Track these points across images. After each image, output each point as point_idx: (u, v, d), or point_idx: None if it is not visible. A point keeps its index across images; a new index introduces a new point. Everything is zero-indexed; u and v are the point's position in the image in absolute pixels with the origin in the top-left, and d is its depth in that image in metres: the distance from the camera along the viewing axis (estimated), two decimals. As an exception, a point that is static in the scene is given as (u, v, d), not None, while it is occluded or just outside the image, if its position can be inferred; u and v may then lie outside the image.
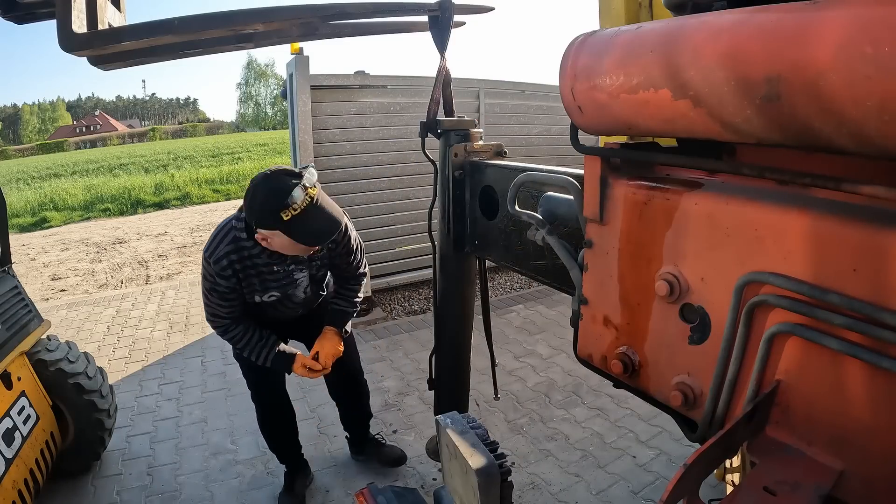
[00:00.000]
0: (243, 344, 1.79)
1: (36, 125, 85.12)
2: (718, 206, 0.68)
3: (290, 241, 1.50)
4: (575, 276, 0.98)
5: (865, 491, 0.58)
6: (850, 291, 0.56)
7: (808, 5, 0.50)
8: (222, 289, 1.65)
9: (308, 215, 1.45)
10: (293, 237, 1.48)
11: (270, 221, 1.45)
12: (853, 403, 0.58)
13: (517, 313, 4.16)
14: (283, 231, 1.46)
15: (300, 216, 1.44)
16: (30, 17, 1.32)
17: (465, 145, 1.49)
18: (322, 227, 1.51)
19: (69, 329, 4.22)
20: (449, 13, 1.47)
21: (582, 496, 2.19)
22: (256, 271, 1.68)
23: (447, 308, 1.73)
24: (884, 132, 0.46)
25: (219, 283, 1.63)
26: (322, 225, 1.50)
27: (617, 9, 1.37)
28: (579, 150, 0.88)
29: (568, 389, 3.00)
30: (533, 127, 5.07)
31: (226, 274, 1.62)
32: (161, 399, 3.07)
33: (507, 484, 0.87)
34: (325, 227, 1.51)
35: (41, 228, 10.30)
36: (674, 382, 0.78)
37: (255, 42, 1.47)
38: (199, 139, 44.46)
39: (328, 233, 1.52)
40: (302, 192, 1.44)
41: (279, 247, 1.56)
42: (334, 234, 1.54)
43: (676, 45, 0.61)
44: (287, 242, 1.51)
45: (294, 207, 1.42)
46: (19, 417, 1.97)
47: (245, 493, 2.28)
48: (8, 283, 2.16)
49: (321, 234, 1.52)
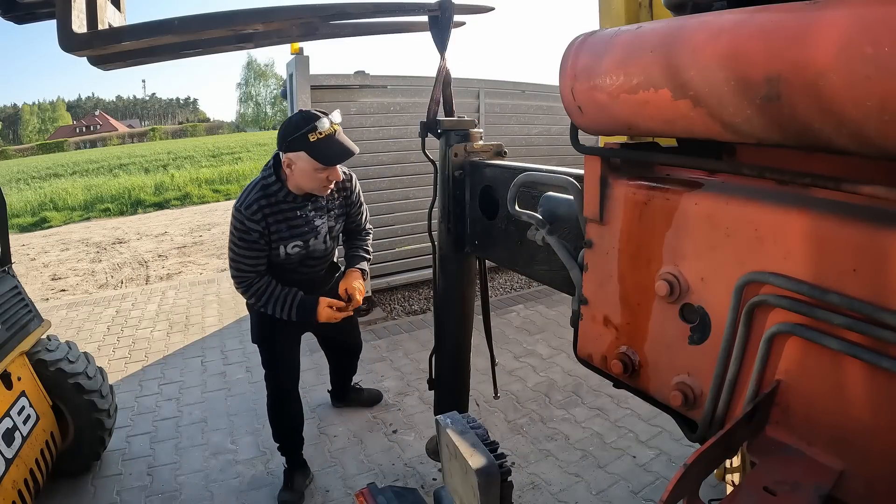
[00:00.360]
0: (266, 297, 1.89)
1: (36, 125, 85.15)
2: (718, 206, 0.68)
3: (310, 167, 1.74)
4: (575, 276, 0.98)
5: (865, 491, 0.58)
6: (850, 291, 0.56)
7: (808, 5, 0.50)
8: (252, 236, 1.80)
9: (330, 141, 1.72)
10: (315, 157, 1.71)
11: (298, 143, 1.70)
12: (853, 403, 0.58)
13: (517, 313, 4.16)
14: (307, 152, 1.70)
15: (323, 140, 1.71)
16: (30, 17, 1.32)
17: (466, 145, 1.49)
18: (340, 151, 1.75)
19: (69, 329, 4.22)
20: (449, 13, 1.47)
21: (582, 496, 2.19)
22: (283, 216, 1.86)
23: (447, 308, 1.73)
24: (884, 132, 0.46)
25: (249, 227, 1.79)
26: (340, 149, 1.75)
27: (617, 9, 1.37)
28: (579, 150, 0.88)
29: (568, 389, 3.00)
30: (533, 127, 5.07)
31: (256, 218, 1.80)
32: (161, 399, 3.07)
33: (507, 484, 0.87)
34: (343, 151, 1.76)
35: (41, 228, 10.30)
36: (674, 382, 0.78)
37: (255, 42, 1.47)
38: (199, 139, 44.49)
39: (345, 155, 1.76)
40: (328, 122, 1.73)
41: (300, 174, 1.77)
42: (349, 157, 1.76)
43: (676, 46, 0.61)
44: (308, 168, 1.74)
45: (320, 132, 1.70)
46: (19, 417, 1.97)
47: (245, 493, 2.28)
48: (8, 283, 2.16)
49: (340, 155, 1.75)
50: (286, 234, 1.88)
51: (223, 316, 4.38)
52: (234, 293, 4.95)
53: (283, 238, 1.87)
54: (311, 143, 1.69)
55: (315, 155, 1.71)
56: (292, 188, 1.83)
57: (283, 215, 1.86)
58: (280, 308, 1.91)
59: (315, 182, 1.80)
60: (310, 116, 1.72)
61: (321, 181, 1.80)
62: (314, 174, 1.76)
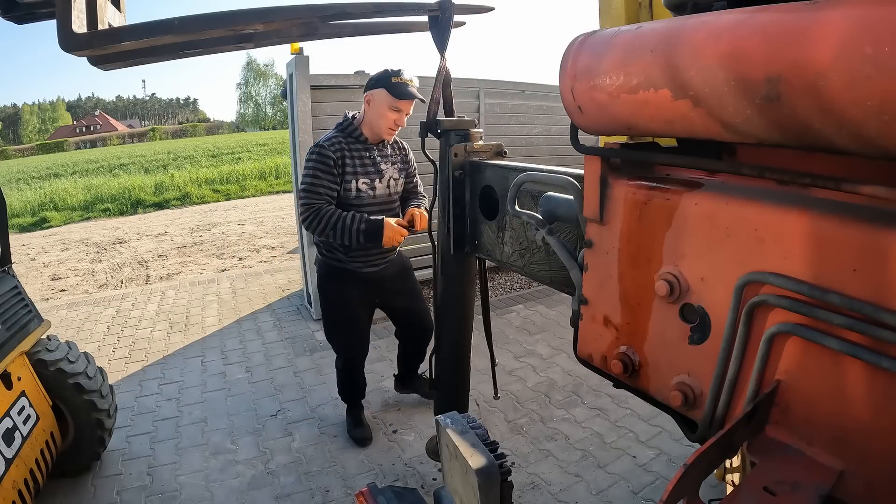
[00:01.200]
0: (335, 220, 2.09)
1: (36, 125, 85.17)
2: (718, 206, 0.68)
3: (386, 103, 2.11)
4: (575, 276, 0.98)
5: (865, 491, 0.58)
6: (850, 291, 0.56)
7: (808, 5, 0.50)
8: (329, 161, 2.11)
9: (406, 85, 2.11)
10: (391, 92, 2.08)
11: (381, 82, 2.10)
12: (853, 403, 0.58)
13: (517, 313, 4.16)
14: (386, 88, 2.09)
15: (401, 83, 2.10)
16: (30, 17, 1.32)
17: (466, 145, 1.49)
18: (411, 92, 2.12)
19: (69, 329, 4.22)
20: (449, 13, 1.47)
21: (582, 496, 2.19)
22: (357, 154, 2.20)
23: (447, 308, 1.73)
24: (884, 132, 0.46)
25: (327, 155, 2.11)
26: (412, 91, 2.12)
27: (617, 9, 1.37)
28: (579, 150, 0.88)
29: (568, 389, 3.00)
30: (533, 127, 5.07)
31: (333, 148, 2.13)
32: (161, 399, 3.07)
33: (507, 484, 0.87)
34: (414, 93, 2.13)
35: (41, 228, 10.30)
36: (674, 382, 0.78)
37: (255, 42, 1.47)
38: (199, 139, 44.49)
39: (414, 95, 2.12)
40: (408, 74, 2.13)
41: (375, 110, 2.14)
42: (416, 98, 2.13)
43: (676, 46, 0.61)
44: (384, 103, 2.11)
45: (401, 78, 2.10)
46: (19, 417, 1.97)
47: (245, 493, 2.28)
48: (8, 283, 2.16)
49: (410, 94, 2.11)
50: (358, 169, 2.18)
51: (223, 316, 4.38)
52: (234, 293, 4.95)
53: (356, 172, 2.18)
54: (392, 83, 2.08)
55: (392, 90, 2.08)
56: (365, 131, 2.19)
57: (356, 153, 2.19)
58: (348, 234, 2.09)
59: (385, 121, 2.13)
60: (395, 69, 2.13)
61: (390, 121, 2.14)
62: (387, 112, 2.11)
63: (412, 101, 2.14)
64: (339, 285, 2.34)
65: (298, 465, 2.45)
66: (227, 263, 6.41)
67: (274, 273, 5.59)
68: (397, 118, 2.14)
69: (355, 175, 2.18)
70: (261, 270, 5.80)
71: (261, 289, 5.07)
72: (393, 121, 2.14)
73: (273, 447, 2.59)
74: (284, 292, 4.92)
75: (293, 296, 4.79)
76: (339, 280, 2.33)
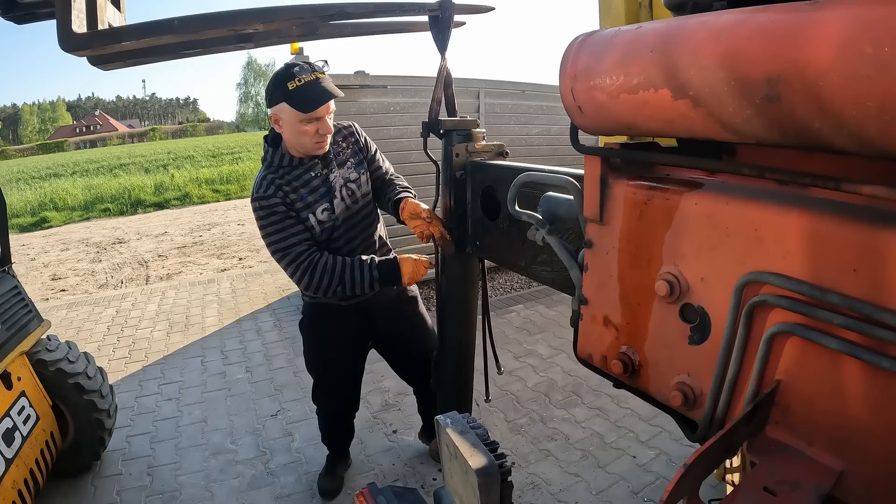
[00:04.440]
0: (339, 268, 1.70)
1: (36, 125, 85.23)
2: (718, 206, 0.68)
3: (294, 118, 1.63)
4: (575, 276, 0.98)
5: (865, 491, 0.58)
6: (850, 291, 0.56)
7: (808, 5, 0.50)
8: (279, 209, 1.70)
9: (309, 86, 1.61)
10: (294, 105, 1.60)
11: (279, 94, 1.61)
12: (853, 403, 0.58)
13: (517, 313, 4.15)
14: (287, 101, 1.61)
15: (302, 87, 1.60)
16: (30, 17, 1.32)
17: (467, 145, 1.49)
18: (319, 94, 1.62)
19: (69, 329, 4.22)
20: (449, 13, 1.47)
21: (582, 496, 2.19)
22: (299, 182, 1.75)
23: (449, 309, 1.73)
24: (884, 132, 0.46)
25: (271, 203, 1.70)
26: (320, 92, 1.62)
27: (617, 9, 1.37)
28: (579, 150, 0.88)
29: (568, 389, 3.00)
30: (533, 127, 5.07)
31: (270, 192, 1.71)
32: (161, 399, 3.07)
33: (507, 484, 0.87)
34: (321, 94, 1.63)
35: (41, 228, 10.30)
36: (674, 382, 0.78)
37: (255, 42, 1.47)
38: (199, 139, 44.49)
39: (323, 98, 1.63)
40: (308, 70, 1.62)
41: (288, 130, 1.67)
42: (328, 100, 1.64)
43: (676, 46, 0.61)
44: (293, 120, 1.64)
45: (299, 80, 1.60)
46: (19, 417, 1.97)
47: (245, 493, 2.28)
48: (8, 283, 2.16)
49: (318, 98, 1.62)
50: (309, 199, 1.75)
51: (223, 316, 4.38)
52: (234, 293, 4.95)
53: (308, 204, 1.74)
54: (290, 92, 1.59)
55: (294, 103, 1.60)
56: (291, 151, 1.74)
57: (298, 181, 1.74)
58: (360, 280, 1.71)
59: (304, 137, 1.67)
60: (290, 67, 1.62)
61: (310, 135, 1.67)
62: (300, 127, 1.64)
63: (328, 104, 1.65)
64: (325, 322, 1.99)
65: (298, 465, 2.45)
66: (227, 263, 6.41)
67: (274, 273, 5.59)
68: (319, 127, 1.67)
69: (309, 207, 1.74)
70: (261, 270, 5.79)
71: (261, 289, 5.07)
72: (315, 133, 1.67)
73: (273, 447, 2.59)
74: (284, 292, 4.92)
75: (293, 296, 4.79)
76: (325, 316, 1.98)
